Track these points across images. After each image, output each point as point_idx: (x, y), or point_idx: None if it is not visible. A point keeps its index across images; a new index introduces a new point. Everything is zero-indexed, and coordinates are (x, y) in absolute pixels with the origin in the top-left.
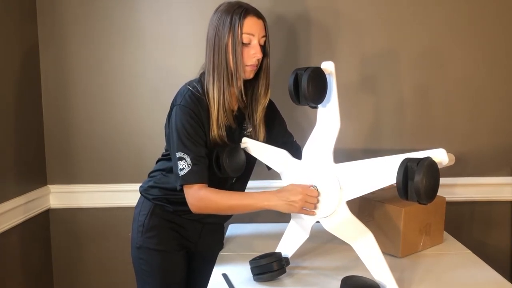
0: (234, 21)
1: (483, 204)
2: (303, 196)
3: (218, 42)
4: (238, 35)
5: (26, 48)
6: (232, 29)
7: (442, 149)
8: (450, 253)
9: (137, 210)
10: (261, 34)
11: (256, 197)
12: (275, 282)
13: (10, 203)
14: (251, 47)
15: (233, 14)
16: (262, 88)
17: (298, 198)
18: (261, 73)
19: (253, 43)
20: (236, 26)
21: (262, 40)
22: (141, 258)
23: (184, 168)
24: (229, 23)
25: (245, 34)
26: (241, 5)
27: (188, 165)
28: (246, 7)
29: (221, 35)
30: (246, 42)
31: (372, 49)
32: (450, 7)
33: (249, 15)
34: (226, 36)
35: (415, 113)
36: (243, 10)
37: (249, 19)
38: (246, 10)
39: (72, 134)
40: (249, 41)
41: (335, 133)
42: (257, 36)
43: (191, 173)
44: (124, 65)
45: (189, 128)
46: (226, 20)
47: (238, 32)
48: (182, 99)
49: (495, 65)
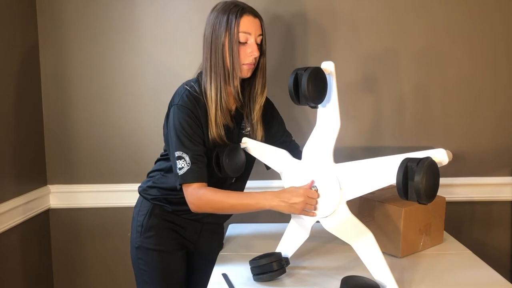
0: (230, 20)
1: (483, 204)
2: (304, 198)
3: (214, 41)
4: (234, 34)
5: (26, 48)
6: (228, 28)
7: (442, 149)
8: (450, 253)
9: (136, 210)
10: (258, 32)
11: (256, 197)
12: (275, 282)
13: (10, 203)
14: (247, 46)
15: (229, 13)
16: (259, 87)
17: (299, 200)
18: (258, 72)
19: (250, 42)
20: (233, 25)
21: (259, 39)
22: (140, 258)
23: (183, 167)
24: (226, 22)
25: (242, 33)
26: (237, 4)
27: (187, 164)
28: (242, 6)
29: (217, 34)
30: (243, 41)
31: (372, 49)
32: (450, 7)
33: (245, 14)
34: (222, 35)
35: (415, 113)
36: (240, 9)
37: (246, 18)
38: (242, 9)
39: (72, 134)
40: (246, 40)
41: (335, 133)
42: (254, 35)
43: (190, 172)
44: (124, 65)
45: (187, 127)
46: (223, 19)
47: (234, 31)
48: (179, 99)
49: (495, 65)
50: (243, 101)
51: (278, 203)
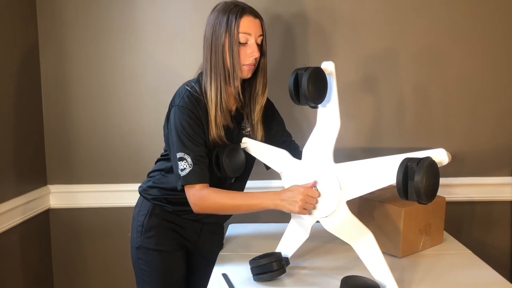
0: (230, 20)
1: (483, 204)
2: (304, 197)
3: (215, 42)
4: (234, 35)
5: (26, 48)
6: (228, 29)
7: (442, 149)
8: (450, 253)
9: (136, 210)
10: (258, 33)
11: (258, 196)
12: (275, 282)
13: (10, 203)
14: (248, 47)
15: (229, 13)
16: (260, 87)
17: (299, 198)
18: (259, 72)
19: (250, 42)
20: (233, 26)
21: (259, 39)
22: (141, 258)
23: (185, 168)
24: (226, 23)
25: (242, 34)
26: (238, 4)
27: (189, 165)
28: (242, 6)
29: (218, 34)
30: (243, 41)
31: (372, 49)
32: (450, 7)
33: (246, 14)
34: (223, 35)
35: (415, 113)
36: (240, 9)
37: (246, 19)
38: (242, 9)
39: (72, 134)
40: (246, 40)
41: (335, 133)
42: (254, 36)
43: (193, 173)
44: (124, 65)
45: (188, 128)
46: (223, 20)
47: (234, 32)
48: (180, 100)
49: (495, 65)
50: (244, 102)
51: (280, 202)
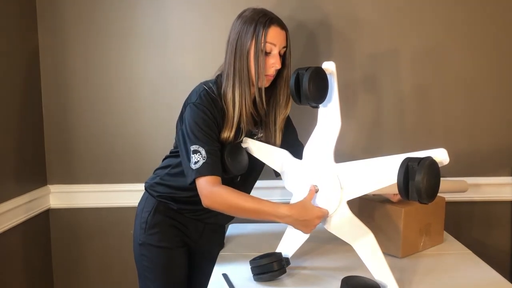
0: (258, 29)
1: (483, 204)
2: (320, 221)
3: (240, 48)
4: (261, 43)
5: (26, 48)
6: (255, 37)
7: (443, 149)
8: (450, 253)
9: (140, 207)
10: (282, 44)
11: (272, 206)
12: (275, 282)
13: (10, 203)
14: (271, 57)
15: (257, 22)
16: (283, 100)
17: (316, 222)
18: (282, 83)
19: (273, 53)
20: (260, 34)
21: (283, 51)
22: (143, 254)
23: (198, 161)
24: (253, 31)
25: (268, 43)
26: (266, 13)
27: (202, 158)
28: (271, 16)
29: (243, 41)
30: (268, 51)
31: (372, 49)
32: (450, 7)
33: (273, 25)
34: (248, 42)
35: (415, 113)
36: (268, 19)
37: (273, 29)
38: (271, 19)
39: (72, 134)
40: (270, 50)
41: (336, 133)
42: (279, 46)
43: (206, 165)
44: (124, 65)
45: (203, 123)
46: (250, 27)
47: (261, 40)
48: (197, 98)
49: (495, 65)
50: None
51: (294, 221)
